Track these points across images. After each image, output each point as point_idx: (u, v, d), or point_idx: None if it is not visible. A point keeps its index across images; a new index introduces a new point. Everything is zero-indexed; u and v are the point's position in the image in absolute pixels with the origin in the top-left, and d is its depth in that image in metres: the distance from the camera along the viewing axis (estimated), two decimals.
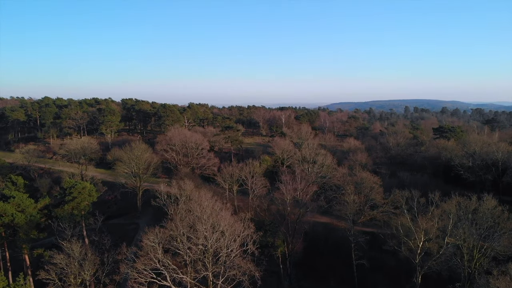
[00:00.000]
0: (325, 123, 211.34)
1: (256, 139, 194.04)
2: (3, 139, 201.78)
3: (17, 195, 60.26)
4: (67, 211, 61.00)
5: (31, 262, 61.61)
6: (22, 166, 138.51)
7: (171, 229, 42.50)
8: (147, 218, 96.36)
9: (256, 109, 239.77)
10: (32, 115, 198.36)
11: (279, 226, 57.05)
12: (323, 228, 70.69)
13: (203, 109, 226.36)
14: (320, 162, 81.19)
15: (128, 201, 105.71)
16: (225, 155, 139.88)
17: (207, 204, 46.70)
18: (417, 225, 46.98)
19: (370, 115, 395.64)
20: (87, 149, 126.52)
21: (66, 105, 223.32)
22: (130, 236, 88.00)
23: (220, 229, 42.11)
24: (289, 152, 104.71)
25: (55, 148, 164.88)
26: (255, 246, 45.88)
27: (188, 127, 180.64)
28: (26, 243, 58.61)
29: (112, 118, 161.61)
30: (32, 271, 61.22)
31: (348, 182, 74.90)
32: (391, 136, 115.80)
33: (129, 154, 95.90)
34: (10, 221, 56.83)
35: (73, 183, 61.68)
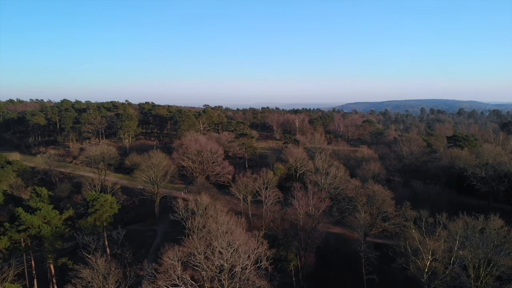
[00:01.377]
0: (339, 127, 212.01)
1: (270, 143, 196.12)
2: (24, 142, 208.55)
3: (43, 207, 63.67)
4: (90, 222, 64.35)
5: (55, 270, 65.04)
6: (43, 171, 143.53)
7: (189, 247, 44.94)
8: (164, 225, 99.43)
9: (270, 113, 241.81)
10: (52, 118, 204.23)
11: (292, 240, 59.15)
12: (335, 239, 72.44)
13: (217, 113, 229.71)
14: (333, 174, 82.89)
15: (146, 207, 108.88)
16: (239, 161, 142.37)
17: (222, 220, 49.11)
18: (424, 245, 48.52)
19: (386, 117, 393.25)
20: (106, 155, 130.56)
21: (84, 108, 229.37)
22: (148, 243, 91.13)
23: (235, 246, 44.46)
24: (302, 160, 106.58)
25: (75, 152, 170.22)
26: (268, 262, 48.09)
27: (203, 131, 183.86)
28: (52, 253, 62.07)
29: (130, 123, 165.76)
30: (56, 279, 64.79)
31: (360, 194, 76.54)
32: (405, 144, 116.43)
33: (147, 162, 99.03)
34: (37, 233, 60.35)
35: (95, 196, 64.90)
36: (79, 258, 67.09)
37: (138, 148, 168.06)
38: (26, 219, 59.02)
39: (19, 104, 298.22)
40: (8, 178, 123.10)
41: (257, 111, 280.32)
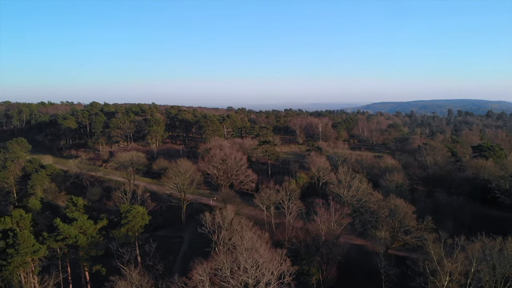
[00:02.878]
0: (363, 133, 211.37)
1: (292, 148, 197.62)
2: (55, 145, 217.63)
3: (79, 217, 68.03)
4: (123, 232, 68.40)
5: (90, 277, 69.37)
6: (75, 175, 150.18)
7: (216, 263, 47.85)
8: (190, 232, 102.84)
9: (293, 117, 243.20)
10: (82, 122, 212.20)
11: (314, 255, 61.26)
12: (357, 252, 73.88)
13: (240, 117, 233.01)
14: (355, 186, 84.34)
15: (173, 213, 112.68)
16: (262, 166, 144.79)
17: (247, 237, 51.85)
18: (442, 266, 49.74)
19: (411, 119, 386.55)
20: (135, 161, 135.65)
21: (113, 112, 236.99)
22: (176, 249, 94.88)
23: (260, 263, 47.07)
24: (325, 170, 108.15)
25: (104, 156, 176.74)
26: (291, 277, 50.45)
27: (226, 136, 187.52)
28: (87, 261, 66.33)
29: (157, 128, 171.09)
30: (91, 285, 69.13)
31: (382, 207, 77.76)
32: (429, 154, 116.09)
33: (175, 170, 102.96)
34: (73, 242, 64.69)
35: (128, 208, 68.90)
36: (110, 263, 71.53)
37: (165, 152, 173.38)
38: (64, 229, 63.39)
39: (50, 107, 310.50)
40: (42, 182, 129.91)
41: (280, 114, 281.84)
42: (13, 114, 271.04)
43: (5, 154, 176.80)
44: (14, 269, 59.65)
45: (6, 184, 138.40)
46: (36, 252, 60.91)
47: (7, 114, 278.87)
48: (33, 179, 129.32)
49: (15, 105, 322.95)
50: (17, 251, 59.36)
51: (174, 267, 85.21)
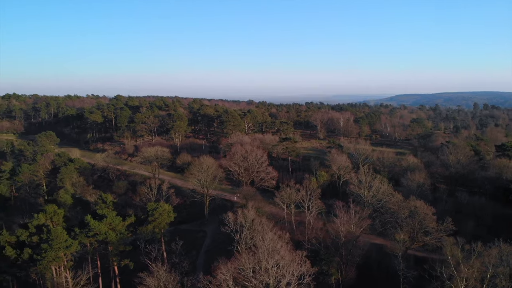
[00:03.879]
0: (385, 128, 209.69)
1: (313, 143, 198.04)
2: (82, 138, 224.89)
3: (109, 214, 71.43)
4: (150, 229, 71.72)
5: (119, 271, 73.01)
6: (102, 168, 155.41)
7: (238, 263, 50.11)
8: (213, 226, 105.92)
9: (314, 112, 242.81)
10: (108, 116, 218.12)
11: (333, 255, 62.85)
12: (377, 251, 74.91)
13: (261, 111, 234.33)
14: (376, 187, 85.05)
15: (196, 207, 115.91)
16: (282, 163, 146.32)
17: (268, 238, 53.89)
18: (459, 271, 50.54)
19: (436, 113, 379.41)
20: (160, 156, 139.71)
21: (137, 106, 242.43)
22: (199, 243, 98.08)
23: (280, 265, 49.07)
24: (346, 168, 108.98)
25: (129, 149, 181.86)
26: (311, 277, 52.26)
27: (247, 131, 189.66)
28: (116, 256, 69.86)
29: (180, 123, 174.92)
30: (120, 278, 72.80)
31: (402, 208, 78.46)
32: (451, 153, 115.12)
33: (198, 167, 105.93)
34: (103, 239, 68.20)
35: (155, 206, 72.08)
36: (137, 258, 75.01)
37: (188, 147, 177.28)
38: (95, 226, 66.90)
39: (76, 100, 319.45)
40: (71, 176, 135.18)
41: (301, 109, 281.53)
42: (41, 107, 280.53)
43: (34, 147, 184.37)
44: (48, 263, 63.40)
45: (36, 177, 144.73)
46: (69, 247, 64.56)
47: (35, 107, 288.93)
48: (62, 173, 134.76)
49: (42, 98, 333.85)
50: (50, 246, 63.02)
51: (197, 262, 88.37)
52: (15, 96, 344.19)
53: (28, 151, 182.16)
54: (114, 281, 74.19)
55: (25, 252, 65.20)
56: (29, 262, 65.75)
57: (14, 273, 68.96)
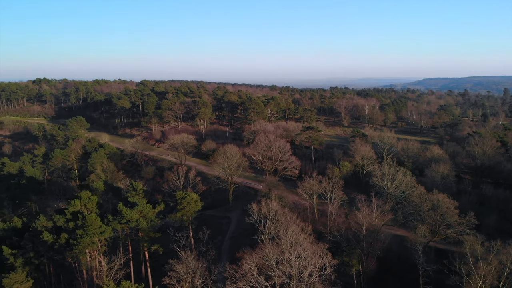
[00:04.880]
0: (411, 116, 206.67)
1: (337, 130, 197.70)
2: (110, 123, 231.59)
3: (139, 201, 75.23)
4: (178, 217, 75.38)
5: (149, 255, 77.12)
6: (130, 154, 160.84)
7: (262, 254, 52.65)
8: (237, 213, 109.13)
9: (338, 98, 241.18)
10: (135, 102, 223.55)
11: (354, 247, 64.64)
12: (398, 244, 76.14)
13: (284, 98, 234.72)
14: (399, 179, 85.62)
15: (221, 194, 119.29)
16: (305, 151, 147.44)
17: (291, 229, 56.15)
18: (477, 268, 51.49)
19: (464, 98, 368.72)
20: (186, 143, 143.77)
21: (163, 91, 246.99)
22: (224, 230, 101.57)
23: (303, 257, 51.32)
24: (369, 159, 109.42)
25: (157, 135, 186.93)
26: (332, 269, 54.38)
27: (270, 118, 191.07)
28: (147, 242, 73.82)
29: (205, 110, 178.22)
30: (150, 263, 76.98)
31: (425, 200, 79.03)
32: (477, 144, 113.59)
33: (223, 156, 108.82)
34: (135, 226, 72.13)
35: (183, 195, 75.51)
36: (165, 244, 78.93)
37: (212, 133, 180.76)
38: (127, 214, 70.76)
39: (104, 85, 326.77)
40: (101, 161, 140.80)
41: (325, 95, 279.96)
42: (70, 92, 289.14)
43: (65, 132, 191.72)
44: (83, 248, 67.74)
45: (68, 161, 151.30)
46: (103, 233, 68.66)
47: (65, 92, 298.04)
48: (92, 158, 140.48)
49: (72, 83, 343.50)
50: (85, 232, 67.20)
51: (222, 247, 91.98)
52: (46, 81, 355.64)
53: (59, 135, 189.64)
54: (144, 265, 78.56)
55: (62, 237, 69.65)
56: (66, 246, 70.24)
57: (51, 256, 73.66)
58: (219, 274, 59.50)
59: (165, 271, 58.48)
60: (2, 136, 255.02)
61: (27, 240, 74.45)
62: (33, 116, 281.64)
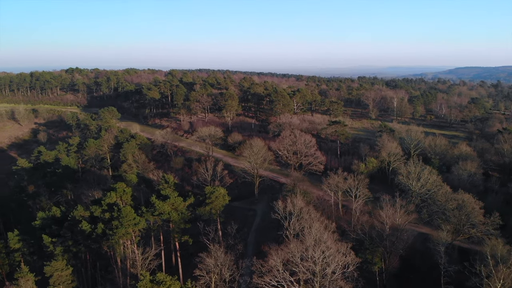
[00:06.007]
0: (441, 110, 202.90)
1: (364, 123, 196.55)
2: (141, 113, 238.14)
3: (171, 194, 78.99)
4: (207, 210, 79.00)
5: (179, 245, 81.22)
6: (160, 145, 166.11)
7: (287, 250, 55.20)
8: (262, 205, 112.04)
9: (366, 90, 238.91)
10: (164, 93, 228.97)
11: (378, 246, 66.24)
12: (421, 242, 77.04)
13: (311, 89, 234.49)
14: (424, 178, 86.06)
15: (247, 187, 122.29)
16: (331, 145, 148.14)
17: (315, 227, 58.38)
18: (497, 271, 52.30)
19: (497, 90, 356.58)
20: (213, 135, 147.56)
21: (191, 82, 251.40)
22: (249, 222, 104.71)
23: (326, 254, 53.55)
24: (396, 155, 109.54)
25: (185, 126, 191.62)
26: (354, 266, 56.41)
27: (296, 110, 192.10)
28: (177, 233, 77.77)
29: (232, 102, 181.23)
30: (180, 253, 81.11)
31: (450, 199, 79.44)
32: (506, 141, 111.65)
33: (249, 151, 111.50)
34: (167, 218, 76.12)
35: (212, 190, 78.99)
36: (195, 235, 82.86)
37: (238, 125, 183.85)
38: (159, 206, 74.71)
39: (134, 75, 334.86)
40: (133, 151, 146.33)
41: (352, 86, 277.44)
42: (102, 82, 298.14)
43: (98, 121, 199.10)
44: (118, 238, 72.19)
45: (101, 151, 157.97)
46: (137, 224, 72.92)
47: (97, 81, 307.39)
48: (124, 148, 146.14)
49: (103, 73, 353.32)
50: (121, 223, 71.50)
51: (248, 239, 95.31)
52: (78, 70, 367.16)
53: (92, 125, 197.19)
54: (174, 255, 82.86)
55: (99, 227, 74.35)
56: (102, 236, 74.95)
57: (88, 245, 78.81)
58: (246, 268, 62.47)
59: (195, 263, 62.08)
60: (37, 124, 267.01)
61: (66, 229, 79.81)
62: (66, 105, 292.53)
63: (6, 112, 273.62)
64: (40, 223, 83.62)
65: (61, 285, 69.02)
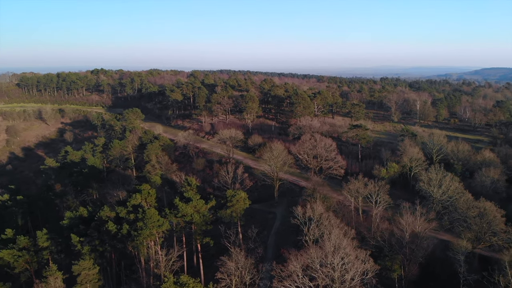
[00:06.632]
0: (465, 113, 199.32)
1: (386, 126, 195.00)
2: (164, 114, 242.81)
3: (193, 197, 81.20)
4: (228, 213, 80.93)
5: (201, 246, 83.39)
6: (183, 146, 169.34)
7: (307, 256, 56.36)
8: (282, 208, 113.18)
9: (389, 93, 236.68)
10: (186, 94, 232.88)
11: (397, 253, 66.60)
12: (442, 249, 76.77)
13: (332, 91, 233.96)
14: (446, 184, 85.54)
15: (267, 190, 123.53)
16: (352, 148, 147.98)
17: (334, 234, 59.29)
18: None
19: None
20: (234, 138, 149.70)
21: (213, 84, 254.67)
22: (269, 224, 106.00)
23: (345, 261, 54.49)
24: (417, 161, 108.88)
25: (206, 128, 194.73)
26: (373, 273, 57.09)
27: (317, 113, 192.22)
28: (199, 235, 79.92)
29: (252, 105, 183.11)
30: (202, 254, 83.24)
31: (471, 207, 78.92)
32: None
33: (269, 155, 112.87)
34: (189, 220, 78.35)
35: (233, 194, 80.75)
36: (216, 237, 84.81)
37: (258, 127, 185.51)
38: (182, 208, 77.05)
39: (157, 76, 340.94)
40: (156, 152, 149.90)
41: (374, 88, 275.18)
42: (126, 83, 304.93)
43: (122, 122, 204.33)
44: (143, 239, 74.86)
45: (125, 152, 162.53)
46: (161, 226, 75.45)
47: (121, 82, 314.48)
48: (148, 149, 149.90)
49: (127, 74, 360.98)
50: (145, 225, 74.13)
51: (268, 242, 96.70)
52: (103, 71, 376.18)
53: (117, 125, 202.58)
54: (196, 256, 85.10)
55: (124, 227, 77.21)
56: (127, 236, 77.81)
57: (114, 245, 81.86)
58: (266, 272, 63.92)
59: (216, 265, 63.95)
60: (64, 124, 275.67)
61: (93, 229, 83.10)
62: (92, 105, 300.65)
63: (33, 112, 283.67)
64: (68, 222, 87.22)
65: (88, 283, 72.00)
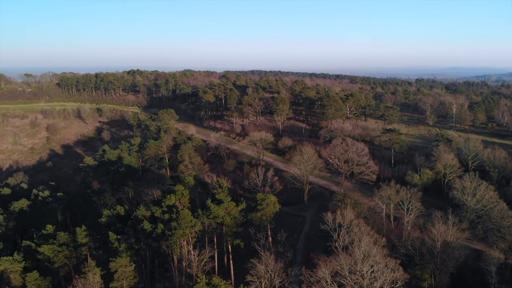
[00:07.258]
0: (503, 118, 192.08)
1: (421, 130, 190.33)
2: (197, 115, 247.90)
3: (225, 199, 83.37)
4: (258, 216, 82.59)
5: (232, 248, 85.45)
6: (214, 147, 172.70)
7: (336, 263, 57.04)
8: (311, 212, 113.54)
9: (424, 96, 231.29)
10: (218, 96, 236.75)
11: (428, 262, 66.03)
12: (474, 259, 75.33)
13: (365, 93, 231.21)
14: (480, 193, 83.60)
15: (296, 193, 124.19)
16: (385, 153, 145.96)
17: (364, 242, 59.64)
18: None
19: None
20: (264, 140, 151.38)
21: (244, 85, 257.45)
22: (299, 228, 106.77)
23: (374, 269, 54.78)
24: (452, 167, 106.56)
25: (237, 129, 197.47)
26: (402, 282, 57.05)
27: (349, 115, 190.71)
28: (230, 236, 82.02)
29: (283, 107, 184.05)
30: (232, 255, 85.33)
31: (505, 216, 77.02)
32: None
33: (299, 158, 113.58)
34: (221, 221, 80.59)
35: (263, 197, 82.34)
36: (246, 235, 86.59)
37: (289, 130, 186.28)
38: (214, 210, 79.37)
39: (191, 77, 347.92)
40: (189, 152, 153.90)
41: (409, 90, 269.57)
42: (161, 84, 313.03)
43: (157, 122, 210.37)
44: (176, 239, 77.72)
45: (160, 151, 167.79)
46: (193, 226, 78.03)
47: (156, 83, 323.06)
48: (182, 149, 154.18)
49: (161, 75, 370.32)
50: (179, 225, 76.92)
51: (297, 246, 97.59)
52: (139, 72, 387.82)
53: (152, 126, 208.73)
54: (227, 257, 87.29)
55: (159, 227, 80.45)
56: (161, 235, 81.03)
57: (149, 243, 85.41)
58: (295, 276, 65.00)
59: (246, 267, 65.70)
60: (101, 123, 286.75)
61: (129, 227, 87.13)
62: (128, 105, 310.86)
63: (72, 111, 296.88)
64: (106, 220, 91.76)
65: (125, 280, 75.55)
